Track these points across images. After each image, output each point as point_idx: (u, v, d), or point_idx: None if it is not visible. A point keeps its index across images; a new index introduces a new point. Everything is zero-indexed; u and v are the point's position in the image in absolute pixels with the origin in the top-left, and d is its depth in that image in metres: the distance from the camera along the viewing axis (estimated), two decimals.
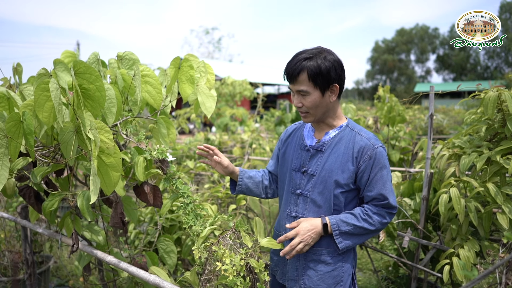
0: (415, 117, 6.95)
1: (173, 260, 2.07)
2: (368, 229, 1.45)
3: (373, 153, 1.44)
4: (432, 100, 2.16)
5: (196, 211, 1.71)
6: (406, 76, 53.07)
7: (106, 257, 1.63)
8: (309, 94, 1.44)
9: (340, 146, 1.49)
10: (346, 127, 1.53)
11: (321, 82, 1.41)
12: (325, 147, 1.51)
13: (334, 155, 1.48)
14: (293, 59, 1.45)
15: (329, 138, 1.52)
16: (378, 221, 1.45)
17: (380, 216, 1.46)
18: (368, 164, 1.44)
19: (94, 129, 1.26)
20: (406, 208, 2.28)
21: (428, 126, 2.17)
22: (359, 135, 1.49)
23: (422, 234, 2.21)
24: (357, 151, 1.45)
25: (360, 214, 1.46)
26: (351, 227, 1.44)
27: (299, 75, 1.42)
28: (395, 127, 3.81)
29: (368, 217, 1.45)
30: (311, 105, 1.45)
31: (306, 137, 1.60)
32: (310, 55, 1.42)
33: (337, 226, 1.44)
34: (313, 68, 1.40)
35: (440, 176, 2.22)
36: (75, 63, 1.41)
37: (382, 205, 1.46)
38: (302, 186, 1.53)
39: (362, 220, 1.44)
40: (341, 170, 1.46)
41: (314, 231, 1.44)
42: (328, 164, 1.48)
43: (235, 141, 4.96)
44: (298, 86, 1.44)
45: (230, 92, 6.66)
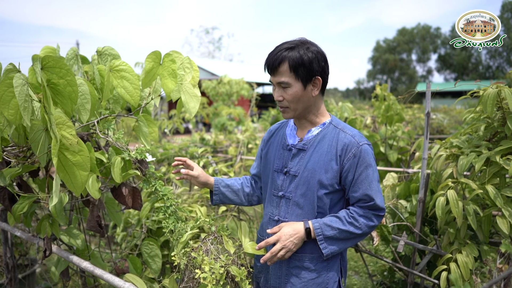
0: (415, 116, 6.84)
1: (158, 264, 1.98)
2: (355, 233, 1.35)
3: (358, 150, 1.35)
4: (429, 98, 2.07)
5: (177, 214, 1.61)
6: (407, 75, 52.88)
7: (82, 263, 1.54)
8: (290, 86, 1.35)
9: (323, 144, 1.40)
10: (329, 125, 1.44)
11: (303, 74, 1.33)
12: (308, 146, 1.42)
13: (317, 153, 1.40)
14: (274, 50, 1.37)
15: (311, 136, 1.44)
16: (365, 224, 1.36)
17: (367, 218, 1.37)
18: (353, 163, 1.35)
19: (54, 125, 1.17)
20: (402, 210, 2.18)
21: (425, 125, 2.08)
22: (343, 132, 1.40)
23: (419, 238, 2.11)
24: (341, 149, 1.36)
25: (345, 217, 1.36)
26: (336, 231, 1.34)
27: (280, 66, 1.33)
28: (393, 127, 3.71)
29: (354, 220, 1.35)
30: (292, 98, 1.36)
31: (288, 136, 1.51)
32: (292, 45, 1.34)
33: (321, 230, 1.34)
34: (295, 58, 1.31)
35: (438, 177, 2.12)
36: (43, 57, 1.32)
37: (368, 206, 1.37)
38: (284, 187, 1.44)
39: (347, 224, 1.35)
40: (324, 170, 1.37)
41: (296, 236, 1.35)
42: (311, 163, 1.39)
43: (231, 141, 4.86)
44: (279, 77, 1.35)
45: (227, 91, 6.57)
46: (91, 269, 1.47)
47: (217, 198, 1.63)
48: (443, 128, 7.11)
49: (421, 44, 52.31)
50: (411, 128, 6.07)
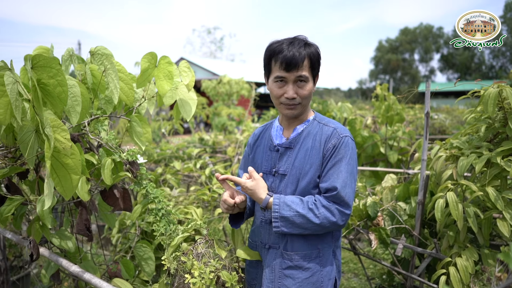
0: (416, 116, 6.77)
1: (151, 267, 1.94)
2: (311, 221, 1.28)
3: (338, 142, 1.34)
4: (428, 98, 2.02)
5: (168, 217, 1.58)
6: (410, 75, 52.68)
7: (71, 266, 1.51)
8: (308, 81, 1.36)
9: (308, 141, 1.39)
10: (313, 121, 1.44)
11: (316, 69, 1.38)
12: (294, 144, 1.41)
13: (303, 150, 1.38)
14: (289, 46, 1.33)
15: (297, 134, 1.43)
16: (324, 215, 1.29)
17: (329, 211, 1.29)
18: (330, 153, 1.33)
19: (49, 127, 1.13)
20: (401, 213, 2.14)
21: (424, 126, 2.03)
22: (326, 126, 1.40)
23: (418, 241, 2.07)
24: (324, 141, 1.36)
25: (308, 202, 1.31)
26: (293, 213, 1.29)
27: (304, 61, 1.33)
28: (394, 127, 3.66)
29: (315, 207, 1.29)
30: (308, 94, 1.37)
31: (274, 137, 1.49)
32: (307, 41, 1.36)
33: (279, 208, 1.31)
34: (315, 54, 1.36)
35: (437, 179, 2.08)
36: (34, 56, 1.29)
37: (333, 197, 1.30)
38: (274, 188, 1.42)
39: (307, 209, 1.29)
40: (309, 165, 1.35)
41: (255, 196, 1.37)
42: (298, 160, 1.38)
43: (230, 141, 4.82)
44: (300, 71, 1.33)
45: (227, 91, 6.52)
46: (79, 273, 1.44)
47: (246, 216, 1.54)
48: (445, 129, 7.05)
49: (424, 44, 52.10)
50: (412, 129, 6.01)
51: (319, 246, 1.37)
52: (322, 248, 1.37)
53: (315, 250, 1.36)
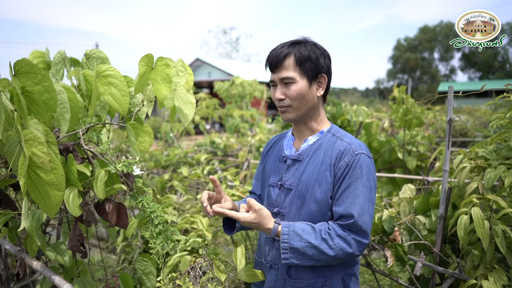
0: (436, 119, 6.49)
1: (152, 282, 1.85)
2: (325, 253, 1.14)
3: (352, 160, 1.18)
4: (451, 103, 1.85)
5: (166, 233, 1.47)
6: (429, 75, 51.42)
7: (63, 285, 1.42)
8: (295, 82, 1.22)
9: (319, 154, 1.25)
10: (327, 133, 1.29)
11: (309, 69, 1.22)
12: (303, 156, 1.27)
13: (312, 164, 1.24)
14: (276, 46, 1.25)
15: (307, 145, 1.29)
16: (340, 247, 1.14)
17: (345, 241, 1.15)
18: (344, 173, 1.18)
19: (23, 141, 1.04)
20: (420, 227, 1.98)
21: (446, 134, 1.87)
22: (340, 140, 1.25)
23: (439, 258, 1.90)
24: (335, 157, 1.21)
25: (321, 231, 1.17)
26: (304, 244, 1.15)
27: (285, 60, 1.21)
28: (412, 131, 3.47)
29: (330, 237, 1.15)
30: (296, 95, 1.22)
31: (285, 147, 1.37)
32: (298, 41, 1.24)
33: (288, 238, 1.16)
34: (303, 51, 1.21)
35: (460, 191, 1.91)
36: (16, 62, 1.20)
37: (349, 225, 1.15)
38: (279, 203, 1.29)
39: (320, 239, 1.15)
40: (318, 182, 1.21)
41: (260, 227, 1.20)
42: (305, 175, 1.24)
43: (242, 145, 4.71)
44: (283, 72, 1.22)
45: (239, 93, 6.42)
46: None
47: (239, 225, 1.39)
48: (466, 131, 6.74)
49: (444, 42, 50.74)
50: (432, 132, 5.76)
51: (327, 274, 1.24)
52: (330, 276, 1.24)
53: (321, 278, 1.23)
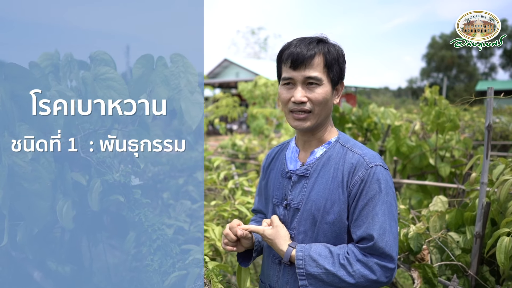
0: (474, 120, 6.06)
1: None
2: (344, 281, 1.00)
3: (367, 174, 1.04)
4: (491, 106, 1.63)
5: (166, 249, 1.36)
6: (466, 73, 49.05)
7: None
8: (322, 84, 1.08)
9: (328, 168, 1.10)
10: (336, 143, 1.15)
11: (335, 73, 1.10)
12: (310, 171, 1.12)
13: (322, 180, 1.10)
14: (300, 41, 1.10)
15: (314, 158, 1.14)
16: (361, 273, 1.00)
17: (366, 267, 1.01)
18: (359, 189, 1.04)
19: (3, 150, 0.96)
20: (453, 246, 1.76)
21: (485, 141, 1.65)
22: (351, 152, 1.10)
23: (474, 282, 1.68)
24: (348, 172, 1.07)
25: (339, 255, 1.03)
26: (321, 271, 1.02)
27: (314, 58, 1.07)
28: (445, 135, 3.20)
29: (348, 263, 1.01)
30: (322, 99, 1.08)
31: (288, 160, 1.21)
32: (321, 39, 1.10)
33: (303, 263, 1.04)
34: (333, 52, 1.09)
35: (501, 206, 1.68)
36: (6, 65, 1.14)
37: (369, 248, 1.01)
38: (286, 223, 1.16)
39: (338, 265, 1.01)
40: (330, 201, 1.07)
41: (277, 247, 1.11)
42: (314, 193, 1.10)
43: (263, 147, 4.57)
44: (311, 71, 1.07)
45: (263, 94, 6.29)
46: None
47: (256, 253, 1.27)
48: (508, 133, 6.24)
49: None
50: (468, 135, 5.36)
51: None
52: None
53: None
